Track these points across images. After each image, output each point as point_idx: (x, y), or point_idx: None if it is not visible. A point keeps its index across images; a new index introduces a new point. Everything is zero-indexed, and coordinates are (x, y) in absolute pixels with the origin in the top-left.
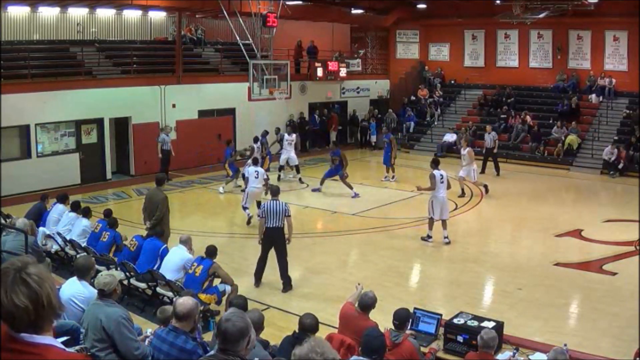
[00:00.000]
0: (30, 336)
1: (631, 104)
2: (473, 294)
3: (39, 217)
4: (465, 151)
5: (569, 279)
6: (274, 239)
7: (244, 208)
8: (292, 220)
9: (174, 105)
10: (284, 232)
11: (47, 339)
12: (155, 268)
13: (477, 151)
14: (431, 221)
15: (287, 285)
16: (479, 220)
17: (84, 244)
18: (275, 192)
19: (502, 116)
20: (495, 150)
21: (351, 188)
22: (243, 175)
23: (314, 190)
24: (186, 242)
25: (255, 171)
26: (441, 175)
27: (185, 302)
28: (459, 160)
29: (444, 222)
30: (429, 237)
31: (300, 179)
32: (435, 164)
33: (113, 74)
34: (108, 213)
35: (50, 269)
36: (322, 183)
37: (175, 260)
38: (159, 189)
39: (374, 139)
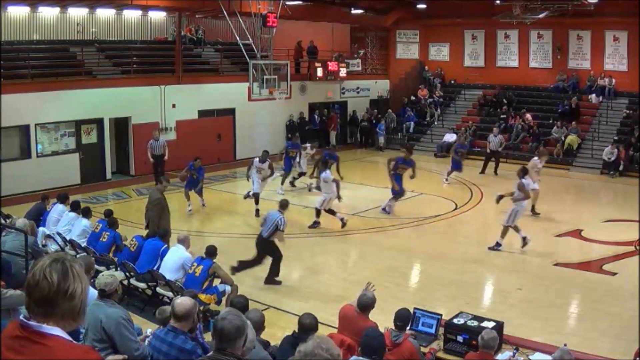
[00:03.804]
0: (39, 325)
1: (631, 104)
2: (473, 294)
3: (39, 217)
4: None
5: (569, 279)
6: (262, 246)
7: (319, 212)
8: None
9: (174, 105)
10: (272, 241)
11: (54, 330)
12: (155, 268)
13: (478, 151)
14: (506, 229)
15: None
16: (479, 220)
17: (83, 244)
18: (283, 205)
19: (502, 116)
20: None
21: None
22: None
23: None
24: (184, 241)
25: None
26: (528, 183)
27: (183, 302)
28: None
29: (516, 227)
30: (499, 244)
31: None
32: (523, 172)
33: (113, 74)
34: (108, 213)
35: None
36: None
37: (174, 259)
38: (157, 189)
39: (381, 140)
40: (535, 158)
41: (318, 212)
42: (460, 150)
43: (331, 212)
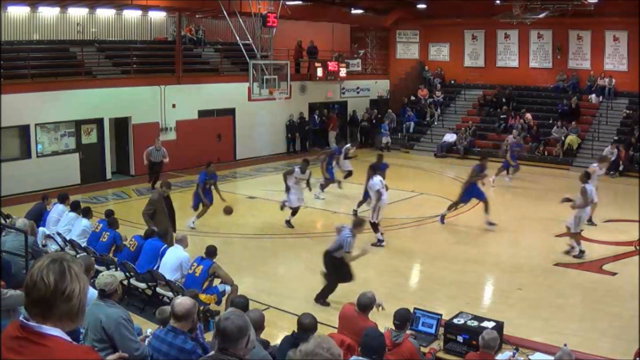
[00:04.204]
0: (38, 326)
1: (631, 104)
2: (473, 294)
3: (39, 217)
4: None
5: (569, 279)
6: (325, 261)
7: (376, 226)
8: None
9: (174, 105)
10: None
11: (53, 330)
12: (155, 268)
13: (479, 152)
14: (574, 235)
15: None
16: (480, 220)
17: (83, 244)
18: (356, 224)
19: (502, 116)
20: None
21: None
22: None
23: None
24: (182, 241)
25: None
26: (591, 189)
27: (183, 302)
28: (461, 160)
29: (578, 234)
30: (582, 252)
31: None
32: (586, 177)
33: (113, 74)
34: (109, 213)
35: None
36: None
37: (172, 259)
38: (156, 190)
39: (385, 140)
40: (595, 164)
41: (374, 226)
42: (516, 150)
43: (374, 226)
